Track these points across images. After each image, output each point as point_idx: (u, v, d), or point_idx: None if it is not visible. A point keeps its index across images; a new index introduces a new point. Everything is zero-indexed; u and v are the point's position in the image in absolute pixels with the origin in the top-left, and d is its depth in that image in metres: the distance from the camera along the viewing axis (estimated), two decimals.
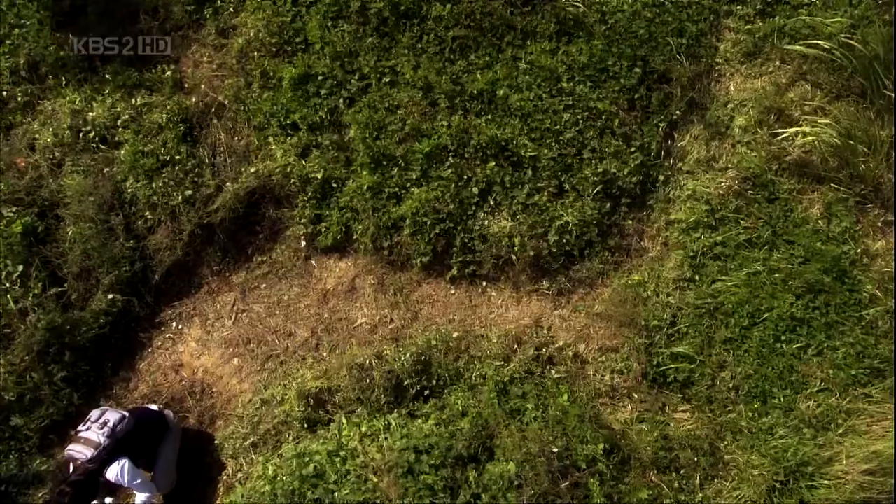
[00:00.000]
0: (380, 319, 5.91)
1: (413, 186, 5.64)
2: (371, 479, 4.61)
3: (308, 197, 5.92)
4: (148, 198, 5.90)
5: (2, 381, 5.31)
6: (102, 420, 4.92)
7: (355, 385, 5.14)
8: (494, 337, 5.54)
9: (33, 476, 5.44)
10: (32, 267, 5.64)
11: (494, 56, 5.46)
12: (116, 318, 5.82)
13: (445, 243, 5.70)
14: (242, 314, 6.12)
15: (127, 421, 4.99)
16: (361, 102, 5.71)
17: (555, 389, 5.22)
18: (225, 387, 5.90)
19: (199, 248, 6.11)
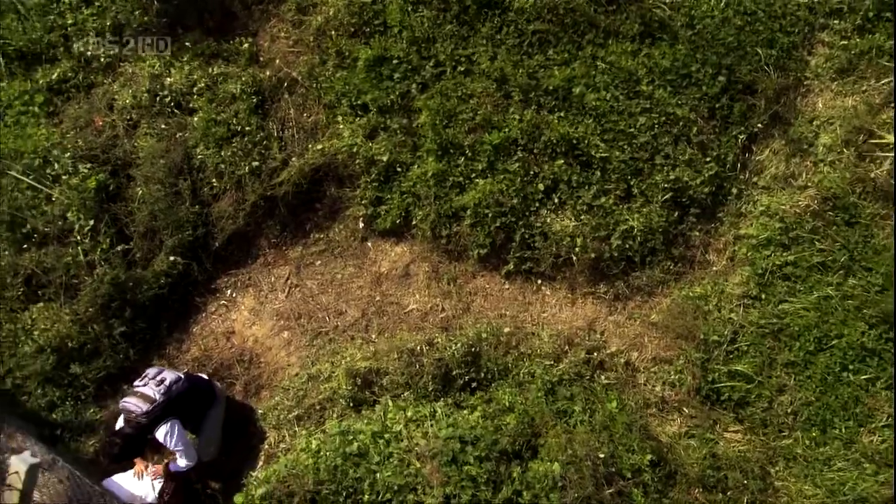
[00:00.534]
0: (431, 307, 5.91)
1: (478, 177, 5.61)
2: (414, 464, 4.62)
3: (371, 179, 5.94)
4: (216, 165, 6.01)
5: (66, 329, 5.48)
6: (160, 378, 5.05)
7: (404, 369, 5.15)
8: (546, 336, 5.49)
9: (86, 424, 5.61)
10: (102, 223, 5.80)
11: (573, 53, 5.37)
12: (176, 280, 5.95)
13: (504, 237, 5.66)
14: (295, 289, 6.20)
15: (182, 382, 5.12)
16: (434, 89, 5.70)
17: (603, 395, 5.15)
18: (273, 358, 5.99)
19: (259, 219, 6.20)
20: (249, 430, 5.81)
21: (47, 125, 6.23)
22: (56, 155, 5.88)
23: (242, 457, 5.72)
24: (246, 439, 5.79)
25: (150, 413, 4.86)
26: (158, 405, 4.89)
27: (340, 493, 4.49)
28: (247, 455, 5.73)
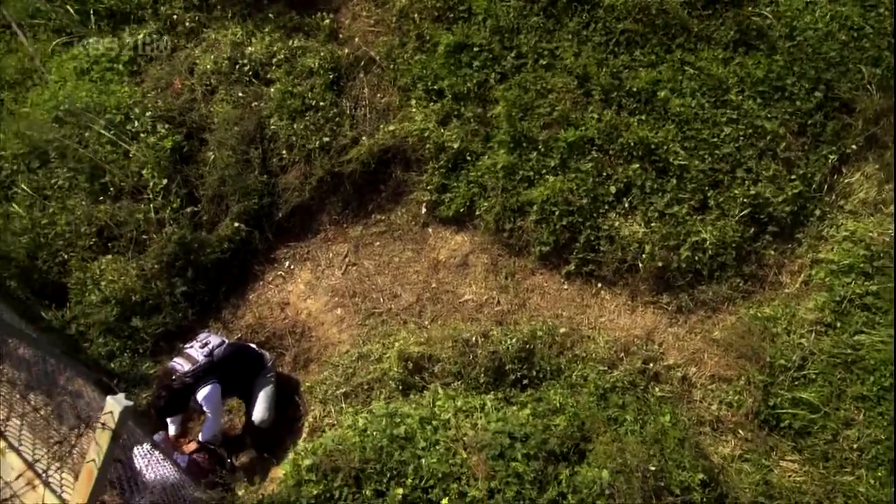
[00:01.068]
0: (486, 300, 5.87)
1: (549, 174, 5.54)
2: (460, 454, 4.59)
3: (439, 165, 5.92)
4: (287, 137, 6.07)
5: (132, 283, 5.62)
6: (204, 341, 5.22)
7: (458, 359, 5.12)
8: (602, 341, 5.39)
9: (141, 377, 5.75)
10: (174, 183, 5.92)
11: (661, 56, 5.24)
12: (237, 246, 6.05)
13: (569, 237, 5.58)
14: (352, 267, 6.23)
15: (225, 347, 5.24)
16: (513, 80, 5.64)
17: (657, 407, 5.03)
18: (325, 333, 6.03)
19: (324, 194, 6.25)
20: (294, 403, 5.88)
21: (130, 84, 6.40)
22: (137, 113, 6.03)
23: (285, 428, 5.79)
24: (290, 411, 5.85)
25: (191, 374, 5.00)
26: (200, 366, 5.05)
27: (384, 474, 4.48)
28: (289, 427, 5.80)
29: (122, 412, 2.12)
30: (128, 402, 2.13)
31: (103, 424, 2.10)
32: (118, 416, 2.12)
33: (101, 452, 2.18)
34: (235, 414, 5.87)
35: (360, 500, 4.38)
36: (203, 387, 5.10)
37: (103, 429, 2.12)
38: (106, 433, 2.13)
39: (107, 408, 2.12)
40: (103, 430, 2.13)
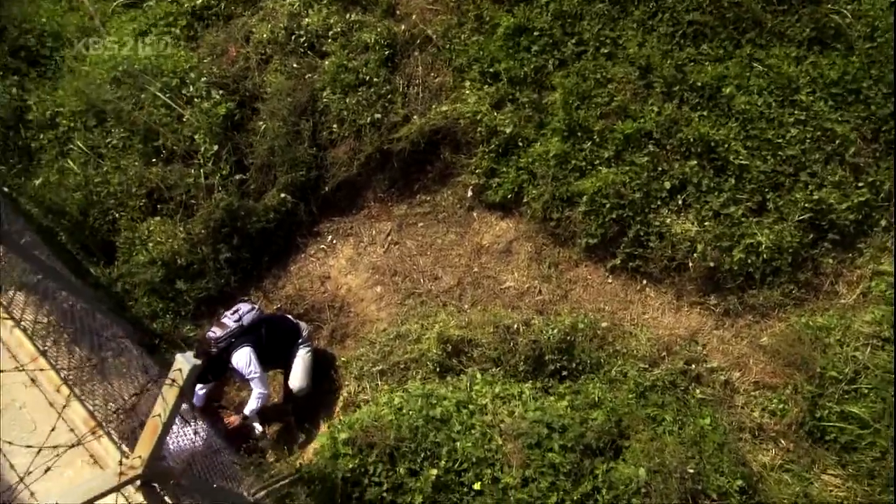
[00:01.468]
0: (528, 288, 5.81)
1: (602, 165, 5.44)
2: (496, 440, 4.57)
3: (489, 149, 5.85)
4: (339, 111, 6.05)
5: (178, 245, 5.68)
6: (235, 308, 5.33)
7: (498, 345, 5.09)
8: (644, 338, 5.30)
9: (181, 339, 5.83)
10: (225, 150, 5.96)
11: (730, 51, 5.08)
12: (283, 217, 6.07)
13: (617, 231, 5.48)
14: (395, 246, 6.22)
15: (255, 313, 5.32)
16: (572, 68, 5.53)
17: (697, 410, 4.94)
18: (363, 310, 6.04)
19: (371, 171, 6.23)
20: (328, 377, 5.92)
21: (186, 48, 6.43)
22: (192, 78, 6.06)
23: (318, 401, 5.83)
24: (324, 385, 5.89)
25: (223, 338, 5.11)
26: (231, 332, 5.17)
27: (419, 454, 4.49)
28: (323, 400, 5.84)
29: (190, 370, 2.13)
30: (196, 361, 2.14)
31: (172, 381, 2.11)
32: (186, 374, 2.13)
33: (167, 408, 2.19)
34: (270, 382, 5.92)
35: (394, 478, 4.40)
36: (235, 351, 5.17)
37: (171, 385, 2.13)
38: (173, 389, 2.15)
39: (175, 365, 2.14)
40: (171, 386, 2.14)
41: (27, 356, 3.39)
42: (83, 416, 2.84)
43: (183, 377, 2.13)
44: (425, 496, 4.36)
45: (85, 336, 5.53)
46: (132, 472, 2.29)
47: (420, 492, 4.37)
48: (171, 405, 2.19)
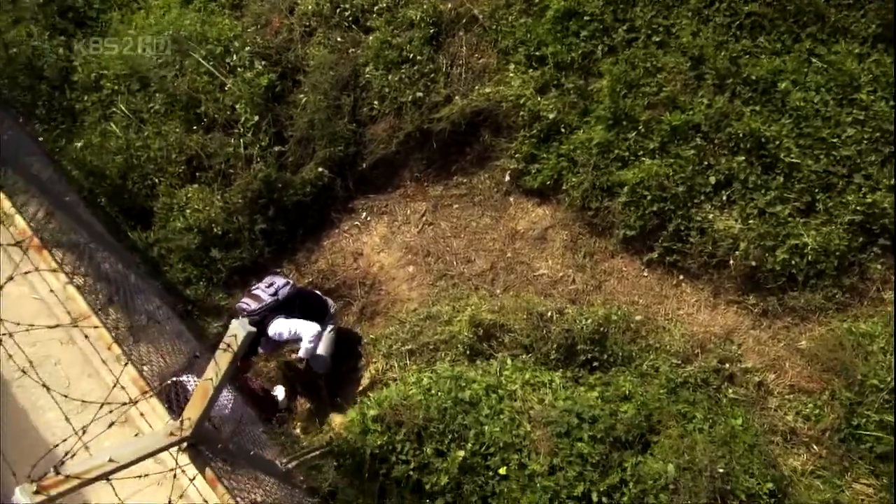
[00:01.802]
0: (562, 276, 5.76)
1: (645, 156, 5.33)
2: (524, 426, 4.55)
3: (530, 134, 5.77)
4: (381, 88, 6.01)
5: (215, 214, 5.72)
6: (269, 282, 5.35)
7: (530, 332, 5.06)
8: (678, 334, 5.23)
9: (214, 307, 5.89)
10: (265, 121, 5.95)
11: (788, 44, 4.93)
12: (319, 191, 6.08)
13: (657, 224, 5.39)
14: (429, 226, 6.19)
15: (289, 287, 5.34)
16: (622, 55, 5.41)
17: (729, 409, 4.87)
18: (394, 288, 6.04)
19: (409, 150, 6.19)
20: (354, 354, 5.94)
21: (231, 17, 6.41)
22: (236, 47, 6.05)
23: (343, 376, 5.86)
24: (350, 362, 5.92)
25: (257, 311, 5.16)
26: (266, 305, 5.20)
27: (446, 435, 4.49)
28: (348, 376, 5.87)
29: (245, 336, 2.13)
30: (251, 329, 2.14)
31: (228, 346, 2.11)
32: (241, 340, 2.13)
33: (219, 373, 2.20)
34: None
35: (421, 457, 4.41)
36: (270, 323, 5.21)
37: (225, 351, 2.14)
38: (227, 355, 2.15)
39: (231, 331, 2.14)
40: (224, 351, 2.14)
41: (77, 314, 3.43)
42: (133, 375, 2.88)
43: (237, 343, 2.13)
44: (451, 477, 4.37)
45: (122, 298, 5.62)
46: (181, 433, 2.30)
47: (446, 472, 4.38)
48: (224, 370, 2.19)
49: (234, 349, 2.11)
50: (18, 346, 3.84)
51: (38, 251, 3.33)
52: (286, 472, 3.46)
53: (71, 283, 3.28)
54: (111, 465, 2.00)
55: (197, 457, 2.41)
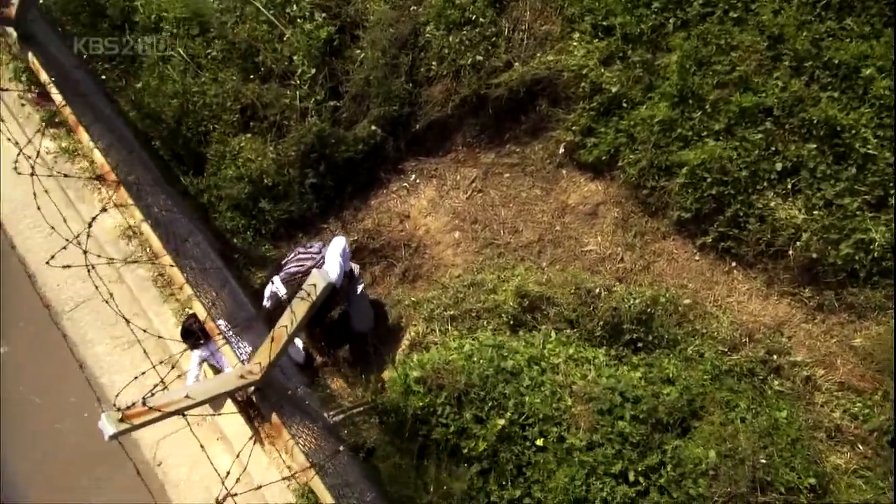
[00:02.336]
0: (610, 254, 5.67)
1: (709, 137, 5.17)
2: (566, 400, 4.55)
3: (590, 106, 5.63)
4: (440, 49, 5.89)
5: (267, 165, 5.71)
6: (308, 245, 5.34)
7: (577, 307, 5.01)
8: (726, 321, 5.14)
9: (258, 257, 5.93)
10: (322, 74, 5.89)
11: (878, 28, 4.69)
12: (370, 149, 6.02)
13: (714, 208, 5.25)
14: (478, 193, 6.12)
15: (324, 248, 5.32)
16: (695, 30, 5.21)
17: (773, 401, 4.80)
18: (439, 253, 6.01)
19: (464, 114, 6.09)
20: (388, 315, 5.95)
21: None
22: None
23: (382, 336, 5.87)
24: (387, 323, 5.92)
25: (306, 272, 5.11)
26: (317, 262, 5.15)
27: (486, 402, 4.51)
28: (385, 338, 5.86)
29: (324, 287, 2.11)
30: (331, 279, 2.12)
31: (308, 294, 2.10)
32: (320, 290, 2.12)
33: (294, 321, 2.20)
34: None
35: (460, 422, 4.43)
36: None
37: (303, 299, 2.13)
38: (305, 304, 2.14)
39: (311, 279, 2.12)
40: (303, 300, 2.13)
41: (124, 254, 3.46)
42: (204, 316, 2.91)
43: (316, 293, 2.12)
44: (489, 444, 4.39)
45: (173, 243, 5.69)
46: (251, 377, 2.32)
47: (484, 439, 4.40)
48: (300, 318, 2.19)
49: (313, 298, 2.10)
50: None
51: (117, 187, 3.35)
52: (332, 425, 3.50)
53: (146, 220, 3.30)
54: (188, 400, 2.03)
55: (263, 401, 2.43)
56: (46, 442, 5.40)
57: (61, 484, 5.30)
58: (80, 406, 5.43)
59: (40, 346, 5.71)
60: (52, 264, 5.95)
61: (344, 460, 3.41)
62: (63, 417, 5.41)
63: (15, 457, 5.44)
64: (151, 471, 5.29)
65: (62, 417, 5.42)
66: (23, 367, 5.63)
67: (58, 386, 5.56)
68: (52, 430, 5.41)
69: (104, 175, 3.28)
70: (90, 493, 5.17)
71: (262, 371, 2.32)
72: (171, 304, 5.76)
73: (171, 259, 3.03)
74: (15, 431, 5.48)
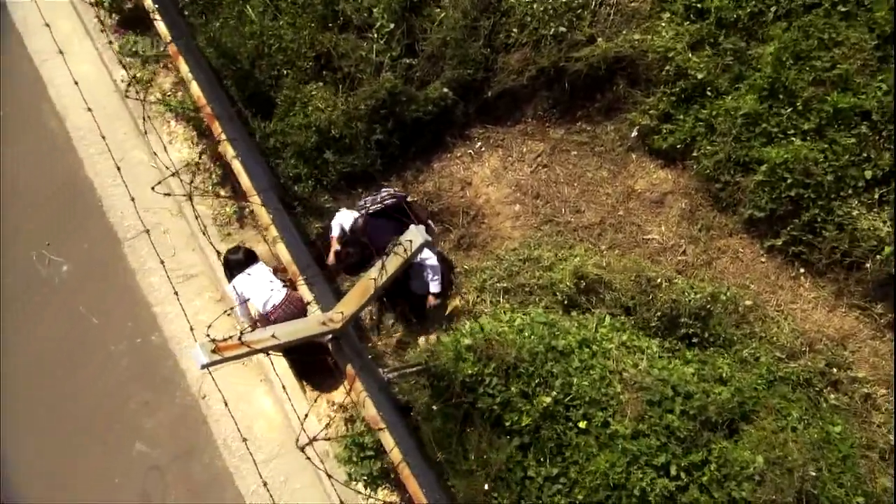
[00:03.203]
0: (672, 245, 5.54)
1: (796, 136, 4.96)
2: (614, 386, 4.50)
3: (671, 91, 5.45)
4: (523, 16, 5.73)
5: (336, 116, 5.68)
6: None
7: (636, 294, 4.92)
8: (787, 327, 5.00)
9: (317, 208, 5.95)
10: (400, 30, 5.79)
11: None
12: (439, 111, 5.93)
13: (790, 210, 5.07)
14: (543, 169, 6.01)
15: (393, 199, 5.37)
16: (797, 21, 4.96)
17: (828, 415, 4.67)
18: (497, 224, 5.95)
19: (538, 86, 5.95)
20: None
21: None
22: None
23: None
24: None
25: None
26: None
27: (533, 378, 4.48)
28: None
29: (420, 244, 2.08)
30: (428, 237, 2.09)
31: (405, 249, 2.07)
32: (415, 247, 2.09)
33: (385, 274, 2.18)
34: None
35: (506, 395, 4.42)
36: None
37: (397, 255, 2.10)
38: (398, 259, 2.12)
39: (407, 235, 2.09)
40: (397, 255, 2.11)
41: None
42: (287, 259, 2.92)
43: (411, 249, 2.09)
44: (532, 420, 4.38)
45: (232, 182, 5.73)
46: (332, 325, 2.32)
47: (528, 414, 4.39)
48: (391, 273, 2.17)
49: (407, 255, 2.07)
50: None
51: (211, 121, 3.35)
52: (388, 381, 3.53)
53: (237, 157, 3.31)
54: (274, 340, 2.03)
55: (339, 350, 2.44)
56: (99, 362, 5.58)
57: (109, 406, 5.49)
58: (135, 331, 5.59)
59: (101, 269, 5.87)
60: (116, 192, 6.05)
61: (393, 419, 3.44)
62: (118, 340, 5.58)
63: (67, 375, 5.64)
64: (196, 403, 5.44)
65: (117, 340, 5.59)
66: (83, 287, 5.79)
67: (115, 309, 5.73)
68: (106, 352, 5.59)
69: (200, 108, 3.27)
70: (138, 416, 5.35)
71: (343, 320, 2.32)
72: (229, 243, 5.84)
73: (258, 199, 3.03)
74: (71, 349, 5.68)
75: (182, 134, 6.36)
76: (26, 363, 5.62)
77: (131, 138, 6.31)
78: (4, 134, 6.37)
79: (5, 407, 5.48)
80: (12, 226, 6.06)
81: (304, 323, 2.35)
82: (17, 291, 5.84)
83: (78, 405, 5.51)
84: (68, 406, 5.51)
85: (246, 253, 5.13)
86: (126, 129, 6.34)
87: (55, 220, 6.04)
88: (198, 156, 5.88)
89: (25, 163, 6.28)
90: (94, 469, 5.25)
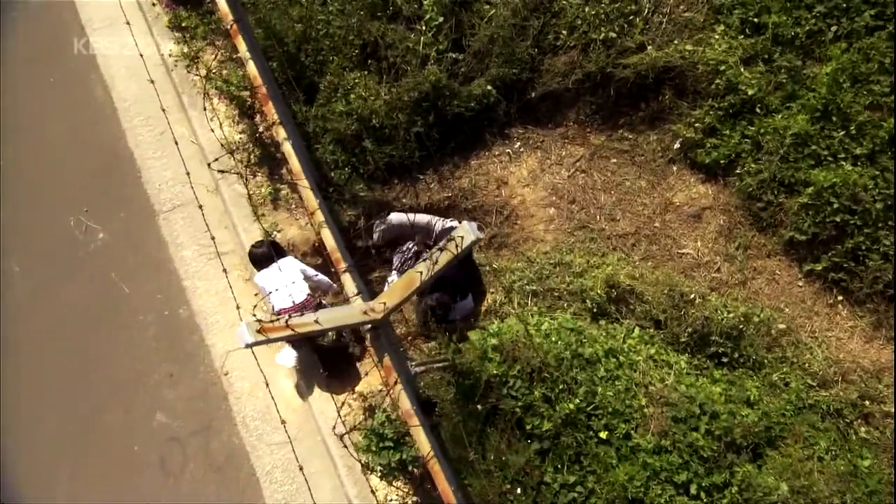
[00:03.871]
0: (707, 262, 5.45)
1: (846, 160, 4.85)
2: (639, 399, 4.44)
3: (719, 105, 5.37)
4: (574, 19, 5.69)
5: (377, 106, 5.67)
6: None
7: (667, 308, 4.85)
8: (820, 355, 4.89)
9: (352, 196, 5.95)
10: (448, 24, 5.78)
11: None
12: (481, 108, 5.90)
13: (834, 236, 4.96)
14: (581, 174, 5.96)
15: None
16: (857, 42, 4.85)
17: (857, 448, 4.57)
18: (530, 226, 5.91)
19: (582, 91, 5.89)
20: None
21: None
22: None
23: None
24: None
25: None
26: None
27: (557, 383, 4.44)
28: None
29: (471, 241, 2.06)
30: (480, 234, 2.07)
31: (457, 246, 2.05)
32: (465, 243, 2.07)
33: (432, 269, 2.16)
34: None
35: (529, 398, 4.38)
36: None
37: (447, 251, 2.08)
38: (447, 255, 2.10)
39: (458, 231, 2.07)
40: (446, 251, 2.09)
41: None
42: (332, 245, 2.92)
43: (462, 246, 2.07)
44: (553, 425, 4.34)
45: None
46: (373, 314, 2.31)
47: (549, 420, 4.35)
48: (438, 268, 2.15)
49: (457, 252, 2.05)
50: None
51: (265, 101, 3.37)
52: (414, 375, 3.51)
53: (288, 139, 3.32)
54: (316, 325, 2.03)
55: (376, 340, 2.43)
56: (126, 330, 5.65)
57: (133, 373, 5.55)
58: (163, 303, 5.65)
59: (136, 239, 5.93)
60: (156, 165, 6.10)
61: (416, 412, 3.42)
62: (147, 311, 5.64)
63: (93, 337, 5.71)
64: (218, 379, 5.48)
65: (146, 310, 5.65)
66: (117, 256, 5.86)
67: (146, 280, 5.79)
68: (134, 320, 5.65)
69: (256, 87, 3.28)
70: (161, 386, 5.41)
71: (385, 311, 2.31)
72: (261, 224, 5.86)
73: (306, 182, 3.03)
74: (99, 314, 5.75)
75: (224, 112, 6.40)
76: (52, 321, 5.71)
77: (173, 112, 6.35)
78: (53, 100, 6.47)
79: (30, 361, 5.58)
80: (54, 189, 6.16)
81: (348, 310, 2.34)
82: (52, 252, 5.93)
83: (101, 368, 5.57)
84: (92, 368, 5.58)
85: (270, 246, 5.06)
86: (168, 102, 6.38)
87: (94, 188, 6.12)
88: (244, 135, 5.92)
89: (71, 129, 6.38)
90: (114, 432, 5.32)
